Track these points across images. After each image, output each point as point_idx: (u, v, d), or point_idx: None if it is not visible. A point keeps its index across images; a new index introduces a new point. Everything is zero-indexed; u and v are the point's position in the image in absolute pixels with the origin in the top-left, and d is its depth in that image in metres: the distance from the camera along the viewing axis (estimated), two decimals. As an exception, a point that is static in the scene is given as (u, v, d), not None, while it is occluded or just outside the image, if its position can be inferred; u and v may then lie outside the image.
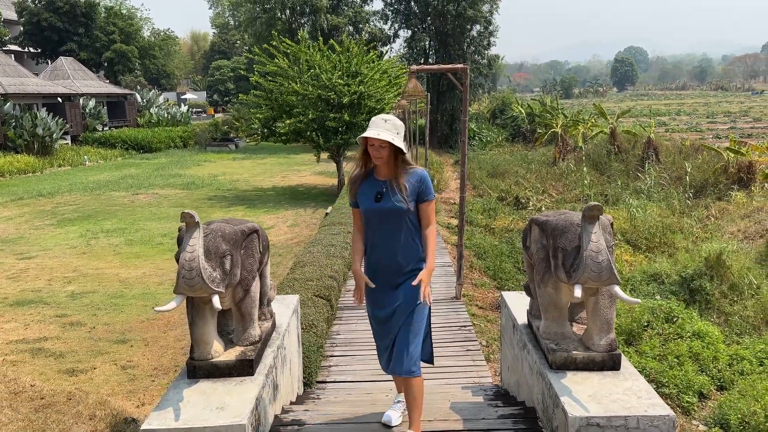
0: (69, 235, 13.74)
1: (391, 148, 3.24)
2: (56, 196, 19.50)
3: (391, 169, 3.31)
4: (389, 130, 3.22)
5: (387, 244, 3.34)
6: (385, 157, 3.26)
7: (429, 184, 3.35)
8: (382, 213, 3.30)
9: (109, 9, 51.15)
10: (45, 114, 30.49)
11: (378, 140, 3.21)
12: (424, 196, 3.32)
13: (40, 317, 8.12)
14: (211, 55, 72.86)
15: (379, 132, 3.20)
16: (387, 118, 3.27)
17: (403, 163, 3.32)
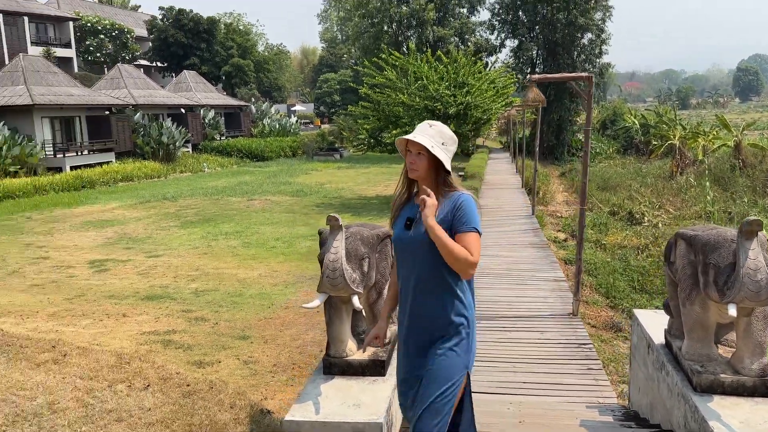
0: (191, 237, 14.69)
1: (430, 160, 2.62)
2: (179, 200, 20.95)
3: (431, 189, 2.65)
4: (431, 137, 2.64)
5: (414, 289, 2.68)
6: (421, 169, 2.64)
7: (468, 211, 2.59)
8: (408, 244, 2.69)
9: (228, 25, 54.60)
10: (170, 123, 32.96)
11: (415, 145, 2.63)
12: (457, 224, 2.57)
13: (168, 311, 8.71)
14: (319, 69, 75.63)
15: (416, 135, 2.63)
16: (433, 124, 2.72)
17: (444, 184, 2.66)
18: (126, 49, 50.67)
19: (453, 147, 2.71)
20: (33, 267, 11.72)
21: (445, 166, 2.62)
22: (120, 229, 15.73)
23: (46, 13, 46.44)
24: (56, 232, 15.46)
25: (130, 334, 7.44)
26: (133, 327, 7.87)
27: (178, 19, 49.67)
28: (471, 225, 2.57)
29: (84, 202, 20.89)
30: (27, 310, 8.53)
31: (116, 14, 56.76)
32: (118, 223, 16.61)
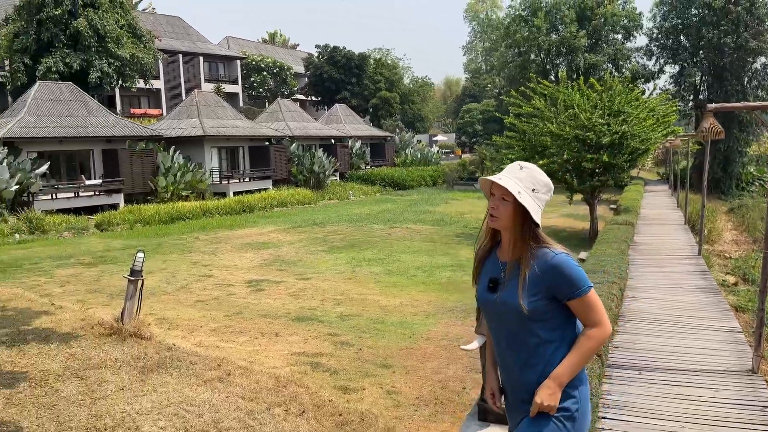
0: (337, 262, 15.24)
1: (516, 208, 2.26)
2: (327, 226, 21.94)
3: (515, 243, 2.31)
4: (520, 180, 2.27)
5: (506, 353, 2.39)
6: (503, 218, 2.28)
7: (568, 274, 2.24)
8: (493, 309, 2.37)
9: (377, 60, 57.05)
10: (321, 153, 34.88)
11: (499, 188, 2.25)
12: (566, 291, 2.25)
13: (316, 334, 9.03)
14: (462, 99, 76.17)
15: (503, 177, 2.28)
16: (525, 166, 2.35)
17: (531, 238, 2.30)
18: (285, 84, 54.84)
19: (546, 196, 2.33)
20: (199, 284, 12.81)
21: (533, 217, 2.25)
22: (275, 252, 16.76)
23: (218, 53, 51.89)
24: (219, 252, 16.84)
25: (282, 354, 7.78)
26: (284, 347, 8.24)
27: (332, 56, 52.85)
28: (584, 286, 2.24)
29: (244, 225, 22.63)
30: (193, 324, 9.29)
31: (277, 53, 61.78)
32: (273, 246, 17.73)
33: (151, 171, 27.18)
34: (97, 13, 32.30)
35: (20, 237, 20.10)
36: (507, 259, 2.35)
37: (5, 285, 12.14)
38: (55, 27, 31.55)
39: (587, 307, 2.24)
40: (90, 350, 4.86)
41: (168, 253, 16.79)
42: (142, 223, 23.23)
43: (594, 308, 2.25)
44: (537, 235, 2.30)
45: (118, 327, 5.25)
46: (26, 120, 24.43)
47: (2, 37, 32.30)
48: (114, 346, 4.97)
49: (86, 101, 27.65)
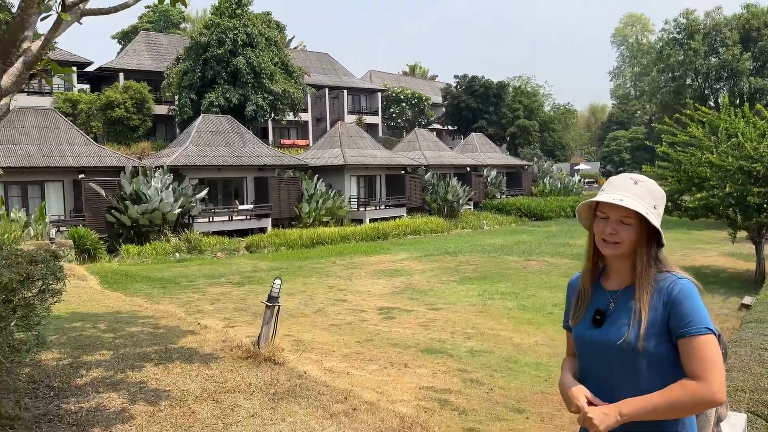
0: (469, 293, 14.91)
1: (641, 230, 1.94)
2: (459, 256, 21.67)
3: (635, 269, 1.95)
4: (641, 197, 1.94)
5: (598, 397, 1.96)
6: (626, 244, 1.95)
7: (688, 305, 1.85)
8: (597, 346, 1.99)
9: (516, 88, 56.25)
10: (455, 182, 34.82)
11: (617, 209, 1.94)
12: (674, 325, 1.86)
13: (445, 368, 8.79)
14: (607, 126, 72.51)
15: (620, 196, 1.95)
16: (640, 179, 2.01)
17: (654, 262, 1.95)
18: (423, 114, 55.84)
19: (662, 209, 1.99)
20: (334, 308, 13.15)
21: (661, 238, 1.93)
22: (406, 280, 16.83)
23: (361, 87, 54.18)
24: (354, 278, 17.25)
25: (410, 386, 7.65)
26: (412, 379, 8.11)
27: (470, 86, 52.98)
28: (700, 325, 1.82)
29: (378, 252, 23.07)
30: (326, 348, 9.49)
31: (417, 84, 63.22)
32: (405, 274, 17.82)
33: (296, 197, 28.79)
34: (254, 52, 35.27)
35: (180, 256, 22.13)
36: (617, 287, 2.02)
37: (165, 301, 13.34)
38: (217, 65, 34.92)
39: (695, 352, 1.82)
40: (227, 373, 5.08)
41: (308, 276, 17.51)
42: (286, 246, 24.57)
43: (703, 358, 1.81)
44: (660, 258, 1.97)
45: (254, 351, 5.47)
46: (190, 149, 27.08)
47: (173, 76, 36.33)
48: (249, 370, 5.16)
49: (242, 132, 30.10)
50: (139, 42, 44.92)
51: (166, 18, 56.31)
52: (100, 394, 4.38)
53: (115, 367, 5.13)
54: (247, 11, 36.91)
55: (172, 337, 6.47)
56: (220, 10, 36.40)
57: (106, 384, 4.66)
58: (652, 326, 1.87)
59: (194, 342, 6.17)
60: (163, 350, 5.81)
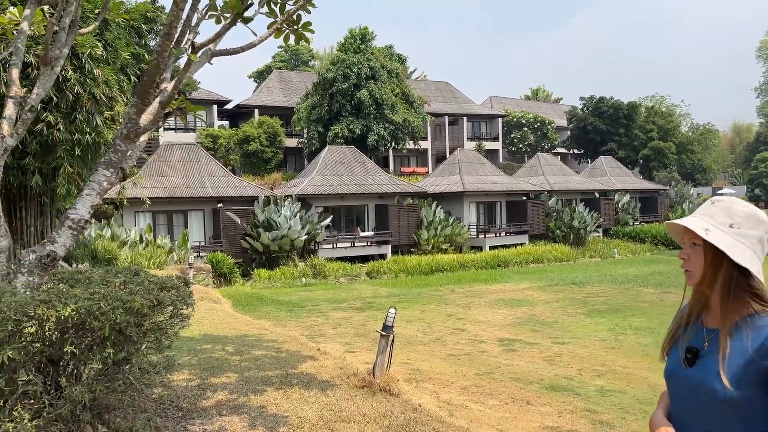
0: (598, 327, 14.00)
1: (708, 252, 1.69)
2: (587, 286, 20.51)
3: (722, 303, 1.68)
4: (710, 216, 1.72)
5: None
6: (696, 270, 1.73)
7: None
8: (685, 388, 1.77)
9: (649, 108, 53.04)
10: (582, 208, 33.25)
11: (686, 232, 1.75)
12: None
13: (572, 407, 8.23)
14: (754, 147, 66.00)
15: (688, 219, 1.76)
16: (719, 200, 1.78)
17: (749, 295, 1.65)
18: (546, 138, 54.26)
19: (756, 231, 1.66)
20: (452, 337, 12.91)
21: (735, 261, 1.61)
22: (528, 310, 16.18)
23: (480, 113, 53.87)
24: (473, 307, 16.88)
25: (533, 426, 7.23)
26: (535, 417, 7.67)
27: (598, 107, 50.75)
28: None
29: (498, 280, 22.47)
30: (444, 379, 9.28)
31: (539, 108, 61.72)
32: (527, 304, 17.16)
33: (415, 224, 28.98)
34: (376, 84, 36.42)
35: (306, 280, 23.02)
36: (716, 325, 1.75)
37: (291, 324, 13.86)
38: (342, 98, 36.46)
39: None
40: (343, 401, 5.09)
41: (426, 304, 17.42)
42: (405, 272, 24.72)
43: None
44: (759, 293, 1.65)
45: (370, 380, 5.44)
46: (316, 179, 28.32)
47: (303, 110, 38.45)
48: (364, 400, 5.13)
49: (364, 162, 31.00)
50: (272, 80, 48.15)
51: (296, 56, 59.98)
52: (223, 417, 4.56)
53: (239, 390, 5.34)
54: (371, 46, 38.31)
55: (293, 361, 6.64)
56: (345, 47, 38.14)
57: (229, 407, 4.85)
58: (742, 375, 1.61)
59: (313, 368, 6.28)
60: (284, 375, 5.96)
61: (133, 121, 4.04)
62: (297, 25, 4.88)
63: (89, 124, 12.93)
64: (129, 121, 4.04)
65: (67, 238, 3.86)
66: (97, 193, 4.02)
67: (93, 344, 3.54)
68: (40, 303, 3.18)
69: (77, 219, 3.91)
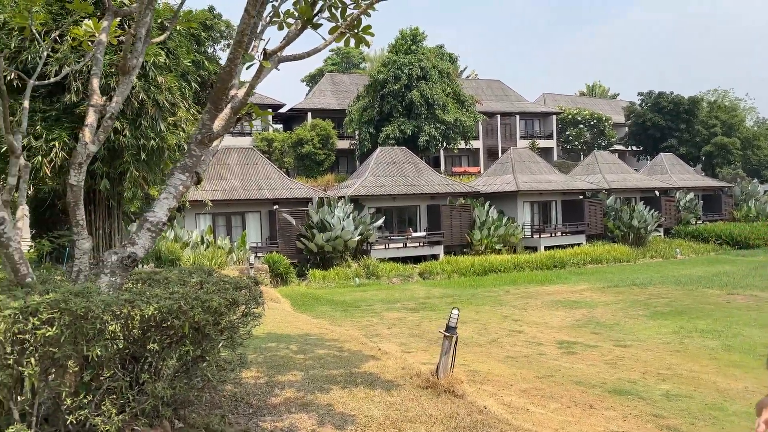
0: (661, 330, 13.55)
1: None
2: (648, 287, 19.87)
3: None
4: None
5: None
6: None
7: None
8: None
9: (711, 103, 50.93)
10: (642, 207, 32.21)
11: None
12: None
13: (637, 412, 8.01)
14: (829, 140, 62.37)
15: None
16: None
17: None
18: (602, 135, 52.84)
19: None
20: (509, 339, 12.76)
21: None
22: (587, 312, 15.81)
23: (534, 111, 52.95)
24: (530, 308, 16.62)
25: (598, 429, 7.08)
26: (599, 421, 7.50)
27: (657, 102, 49.10)
28: None
29: (555, 282, 22.03)
30: (503, 381, 9.19)
31: (595, 104, 60.16)
32: (586, 306, 16.77)
33: (468, 225, 28.75)
34: (427, 85, 36.36)
35: (359, 281, 23.20)
36: None
37: (346, 324, 14.01)
38: (393, 100, 36.56)
39: None
40: (407, 402, 5.11)
41: (480, 305, 17.27)
42: (458, 273, 24.57)
43: None
44: None
45: (433, 381, 5.45)
46: (368, 180, 28.49)
47: (354, 112, 38.78)
48: (429, 400, 5.14)
49: (416, 162, 30.99)
50: (324, 83, 48.75)
51: (347, 59, 60.54)
52: (293, 415, 4.66)
53: (305, 388, 5.44)
54: (422, 47, 38.28)
55: (355, 361, 6.72)
56: (396, 48, 38.24)
57: (297, 404, 4.95)
58: None
59: (376, 367, 6.33)
60: (348, 374, 6.04)
61: (207, 126, 4.18)
62: (357, 29, 4.94)
63: (153, 129, 13.44)
64: (203, 127, 4.19)
65: (146, 240, 4.04)
66: (174, 197, 4.18)
67: (172, 342, 3.69)
68: (125, 302, 3.34)
69: (155, 221, 4.08)
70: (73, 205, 4.18)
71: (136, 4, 5.14)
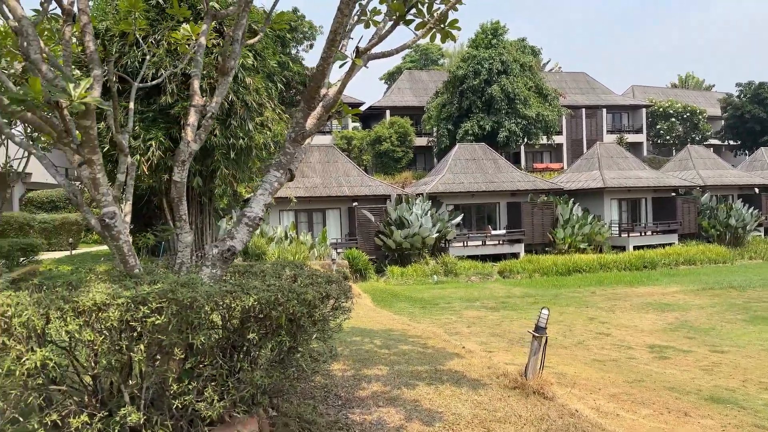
0: (762, 335, 12.67)
1: None
2: (747, 290, 18.62)
3: None
4: None
5: None
6: None
7: None
8: None
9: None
10: (740, 205, 30.17)
11: None
12: None
13: (737, 422, 7.53)
14: None
15: None
16: None
17: None
18: (696, 129, 49.90)
19: None
20: (595, 341, 12.32)
21: None
22: (680, 315, 15.01)
23: (622, 104, 50.70)
24: (617, 310, 15.97)
25: (694, 439, 6.71)
26: (695, 429, 7.11)
27: (758, 94, 45.79)
28: None
29: (644, 283, 21.06)
30: (591, 385, 8.88)
31: (688, 96, 56.89)
32: (678, 309, 15.93)
33: (550, 223, 27.98)
34: (508, 79, 35.66)
35: (437, 278, 23.13)
36: None
37: (425, 321, 14.01)
38: (473, 95, 36.13)
39: None
40: (495, 401, 5.04)
41: (564, 306, 16.78)
42: (539, 272, 23.98)
43: None
44: None
45: (521, 382, 5.34)
46: (446, 177, 28.33)
47: (432, 109, 38.66)
48: (518, 401, 5.05)
49: (495, 159, 30.49)
50: (403, 80, 48.89)
51: (426, 56, 60.39)
52: (380, 408, 4.72)
53: (391, 383, 5.49)
54: (503, 40, 37.58)
55: (440, 358, 6.70)
56: (476, 43, 37.75)
57: (384, 398, 5.00)
58: None
59: (461, 365, 6.29)
60: (433, 371, 6.04)
61: (300, 125, 4.30)
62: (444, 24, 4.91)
63: (242, 129, 13.98)
64: (297, 125, 4.30)
65: (244, 234, 4.20)
66: (269, 193, 4.33)
67: (267, 332, 3.82)
68: (227, 293, 3.48)
69: (253, 217, 4.24)
70: (176, 201, 4.41)
71: (231, 7, 5.35)
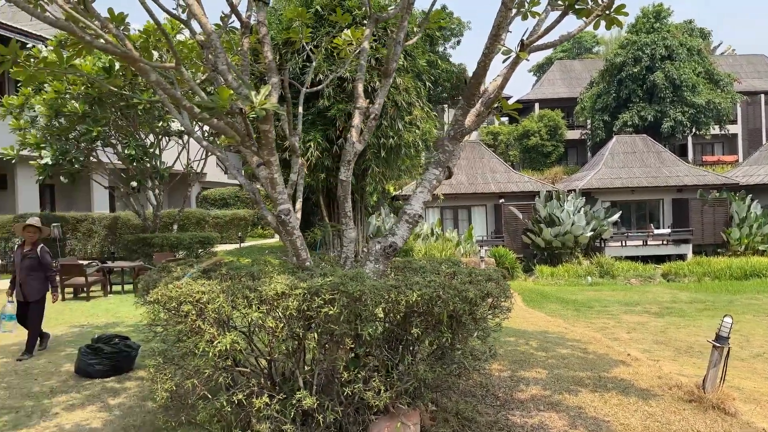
0: None
1: None
2: None
3: None
4: None
5: None
6: None
7: None
8: None
9: None
10: None
11: None
12: None
13: None
14: None
15: None
16: None
17: None
18: None
19: None
20: (781, 355, 10.93)
21: None
22: None
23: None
24: (808, 321, 14.04)
25: None
26: None
27: None
28: None
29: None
30: (776, 403, 7.89)
31: None
32: None
33: (723, 221, 25.31)
34: (673, 65, 32.81)
35: (592, 279, 21.95)
36: None
37: (579, 324, 13.36)
38: (632, 84, 33.73)
39: None
40: (669, 414, 4.65)
41: (741, 314, 15.08)
42: (710, 276, 21.82)
43: None
44: None
45: (698, 395, 4.87)
46: (602, 172, 26.76)
47: (586, 100, 36.69)
48: (694, 415, 4.61)
49: (659, 151, 28.22)
50: (554, 71, 47.02)
51: (578, 44, 57.54)
52: (542, 413, 4.57)
53: (551, 387, 5.29)
54: (666, 24, 34.65)
55: (602, 364, 6.35)
56: (636, 27, 35.20)
57: (545, 402, 4.84)
58: None
59: (627, 374, 5.90)
60: (597, 377, 5.73)
61: (459, 122, 4.29)
62: (610, 10, 4.62)
63: (392, 128, 14.34)
64: (456, 123, 4.31)
65: (404, 230, 4.30)
66: (428, 191, 4.38)
67: (428, 327, 3.87)
68: (391, 288, 3.59)
69: (413, 214, 4.32)
70: (342, 199, 4.62)
71: (392, 10, 5.49)
